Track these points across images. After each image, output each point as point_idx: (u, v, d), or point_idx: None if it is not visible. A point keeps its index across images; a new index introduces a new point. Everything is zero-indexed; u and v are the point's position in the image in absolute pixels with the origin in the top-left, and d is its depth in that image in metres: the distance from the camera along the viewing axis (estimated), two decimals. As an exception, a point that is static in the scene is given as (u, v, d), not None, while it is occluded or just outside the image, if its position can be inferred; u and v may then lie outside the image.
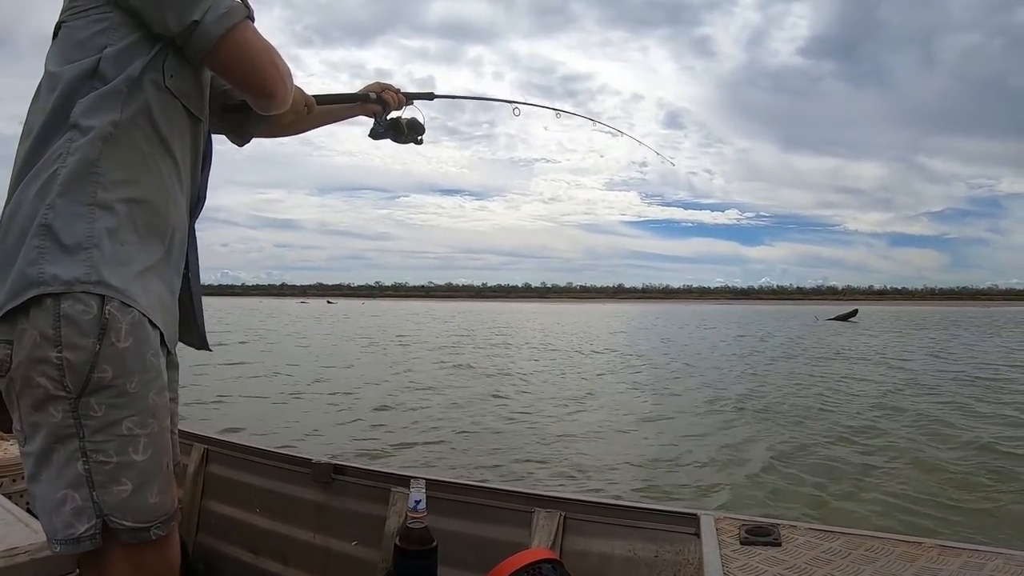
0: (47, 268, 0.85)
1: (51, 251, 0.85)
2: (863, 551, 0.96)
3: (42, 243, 0.86)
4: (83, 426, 0.85)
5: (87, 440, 0.85)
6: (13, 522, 1.25)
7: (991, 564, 0.89)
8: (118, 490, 0.86)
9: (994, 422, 6.95)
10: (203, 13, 0.89)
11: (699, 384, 10.50)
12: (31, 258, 0.85)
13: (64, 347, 0.83)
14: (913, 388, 9.80)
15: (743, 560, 0.95)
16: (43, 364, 0.84)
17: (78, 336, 0.84)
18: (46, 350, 0.84)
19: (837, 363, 13.86)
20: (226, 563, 1.68)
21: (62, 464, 0.85)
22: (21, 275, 0.85)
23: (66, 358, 0.84)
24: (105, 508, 0.86)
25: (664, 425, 7.02)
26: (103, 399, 0.86)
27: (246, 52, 0.95)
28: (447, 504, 1.38)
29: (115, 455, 0.86)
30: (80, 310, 0.84)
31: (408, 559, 1.22)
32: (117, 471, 0.86)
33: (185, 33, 0.90)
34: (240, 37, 0.93)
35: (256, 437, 5.34)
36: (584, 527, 1.28)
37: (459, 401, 8.40)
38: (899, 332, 28.25)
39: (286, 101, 1.04)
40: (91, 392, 0.85)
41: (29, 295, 0.84)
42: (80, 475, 0.85)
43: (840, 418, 7.24)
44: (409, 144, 1.47)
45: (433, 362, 13.57)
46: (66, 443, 0.85)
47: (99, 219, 0.87)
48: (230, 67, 0.96)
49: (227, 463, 1.77)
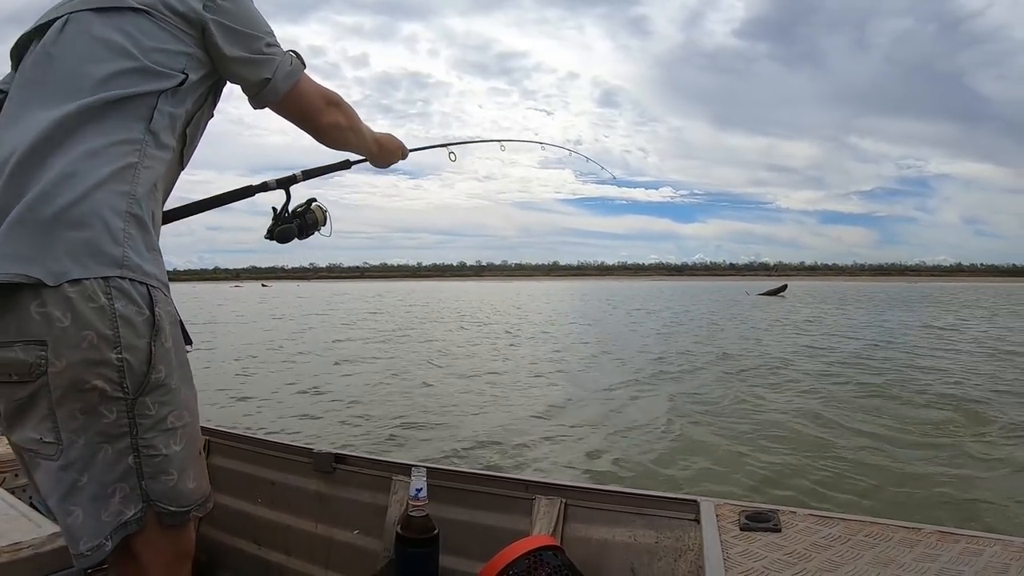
0: (132, 256, 0.85)
1: (135, 241, 0.87)
2: (863, 536, 0.97)
3: (128, 229, 0.86)
4: (137, 424, 0.85)
5: (139, 437, 0.86)
6: (16, 517, 1.25)
7: (990, 550, 0.89)
8: (165, 479, 0.89)
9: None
10: (274, 71, 1.03)
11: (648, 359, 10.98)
12: (118, 239, 0.84)
13: (124, 348, 0.83)
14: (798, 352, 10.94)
15: (743, 546, 0.95)
16: (102, 366, 0.82)
17: (134, 336, 0.84)
18: (105, 351, 0.82)
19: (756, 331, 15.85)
20: (228, 554, 1.70)
21: (111, 462, 0.85)
22: (97, 249, 0.83)
23: (126, 359, 0.83)
24: (153, 496, 0.88)
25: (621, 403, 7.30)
26: (156, 397, 0.87)
27: (304, 101, 1.09)
28: (448, 492, 1.39)
29: (163, 448, 0.88)
30: (134, 311, 0.84)
31: (410, 547, 1.23)
32: (165, 463, 0.89)
33: (257, 87, 1.03)
34: (300, 89, 1.08)
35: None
36: (585, 514, 1.29)
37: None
38: (822, 304, 30.94)
39: (339, 129, 1.17)
40: (147, 392, 0.86)
41: (109, 273, 0.83)
42: (130, 468, 0.86)
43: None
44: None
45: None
46: (116, 441, 0.85)
47: (155, 228, 0.93)
48: (290, 113, 1.10)
49: (228, 454, 1.77)
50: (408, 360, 10.67)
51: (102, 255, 0.83)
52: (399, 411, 6.55)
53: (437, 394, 7.52)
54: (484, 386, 8.13)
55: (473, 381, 8.48)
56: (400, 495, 1.45)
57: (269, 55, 1.03)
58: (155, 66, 0.93)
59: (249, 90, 1.05)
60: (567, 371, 9.56)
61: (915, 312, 25.06)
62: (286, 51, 1.07)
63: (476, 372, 9.30)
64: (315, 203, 1.33)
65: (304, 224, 1.31)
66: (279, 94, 1.05)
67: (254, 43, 1.01)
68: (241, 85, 1.05)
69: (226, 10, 0.98)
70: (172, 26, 0.95)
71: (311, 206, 1.33)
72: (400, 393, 7.62)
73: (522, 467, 4.64)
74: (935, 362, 9.96)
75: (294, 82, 1.06)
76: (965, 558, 0.88)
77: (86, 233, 0.82)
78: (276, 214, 1.30)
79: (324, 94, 1.12)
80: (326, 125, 1.14)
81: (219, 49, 0.98)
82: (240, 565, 1.68)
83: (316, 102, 1.11)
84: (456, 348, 12.24)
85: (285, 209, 1.30)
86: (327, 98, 1.13)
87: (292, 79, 1.06)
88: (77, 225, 0.82)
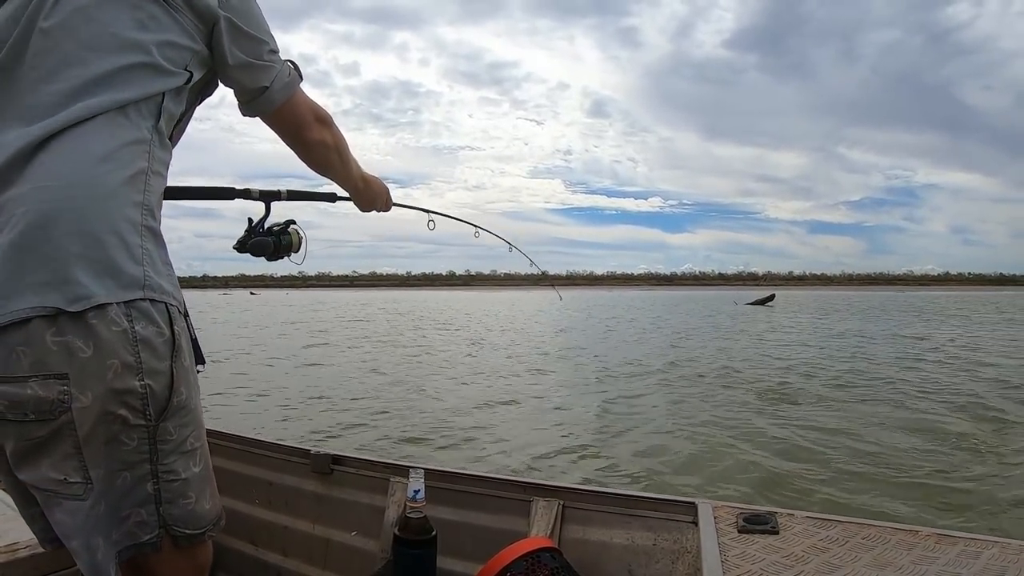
0: (151, 275, 0.79)
1: (153, 258, 0.81)
2: (860, 539, 0.97)
3: (145, 245, 0.80)
4: (158, 451, 0.81)
5: (159, 463, 0.82)
6: (13, 517, 1.24)
7: (987, 552, 0.90)
8: (184, 503, 0.85)
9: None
10: (272, 80, 0.98)
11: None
12: (136, 256, 0.78)
13: (146, 373, 0.77)
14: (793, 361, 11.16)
15: (741, 548, 0.96)
16: (126, 395, 0.76)
17: (156, 360, 0.78)
18: (129, 379, 0.75)
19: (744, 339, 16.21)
20: (226, 555, 1.69)
21: (128, 489, 0.80)
22: (117, 269, 0.75)
23: (149, 385, 0.77)
24: (169, 520, 0.84)
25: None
26: (176, 421, 0.83)
27: (296, 114, 1.04)
28: (446, 494, 1.39)
29: (182, 472, 0.84)
30: (154, 331, 0.78)
31: (407, 549, 1.22)
32: (184, 487, 0.85)
33: (252, 94, 0.98)
34: (294, 102, 1.03)
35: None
36: (583, 516, 1.29)
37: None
38: (812, 314, 31.60)
39: (325, 147, 1.12)
40: (168, 417, 0.81)
41: (132, 296, 0.76)
42: (149, 495, 0.82)
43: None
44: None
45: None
46: (136, 468, 0.80)
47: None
48: (280, 125, 1.05)
49: (225, 455, 1.77)
50: (390, 362, 10.85)
51: (123, 275, 0.76)
52: (388, 414, 6.61)
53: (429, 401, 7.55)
54: (481, 392, 8.17)
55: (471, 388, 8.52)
56: (398, 496, 1.45)
57: (269, 62, 0.98)
58: (166, 63, 0.85)
59: (243, 96, 0.99)
60: (561, 377, 9.64)
61: (906, 322, 25.29)
62: (284, 61, 1.01)
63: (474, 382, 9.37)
64: (293, 226, 1.26)
65: (279, 244, 1.24)
66: (274, 104, 1.00)
67: (258, 48, 0.96)
68: (235, 89, 0.99)
69: (238, 9, 0.93)
70: (185, 18, 0.87)
71: (288, 228, 1.26)
72: (384, 395, 7.72)
73: (520, 469, 4.67)
74: (925, 368, 10.10)
75: (290, 94, 1.01)
76: (963, 560, 0.88)
77: (103, 251, 0.75)
78: (251, 226, 1.23)
79: (315, 110, 1.07)
80: (313, 142, 1.09)
81: (223, 49, 0.92)
82: (237, 566, 1.67)
83: (307, 116, 1.06)
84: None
85: (262, 224, 1.24)
86: (317, 114, 1.08)
87: (289, 91, 1.01)
88: (92, 243, 0.74)
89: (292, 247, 1.26)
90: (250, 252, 1.22)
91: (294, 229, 1.26)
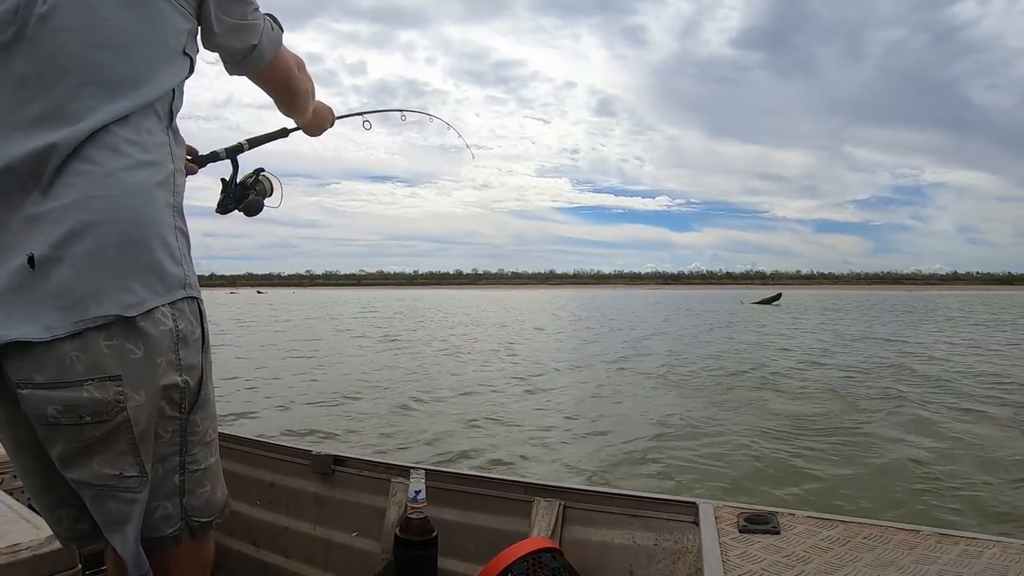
0: (190, 274, 0.82)
1: (188, 257, 0.83)
2: (861, 539, 0.96)
3: (181, 247, 0.82)
4: (187, 442, 0.84)
5: (187, 454, 0.84)
6: (15, 519, 1.25)
7: (988, 552, 0.89)
8: (200, 492, 0.87)
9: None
10: (259, 37, 0.95)
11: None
12: (176, 257, 0.80)
13: (184, 369, 0.80)
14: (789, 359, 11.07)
15: (742, 548, 0.95)
16: (171, 390, 0.80)
17: (191, 356, 0.82)
18: (172, 375, 0.79)
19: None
20: (227, 556, 1.69)
21: (159, 481, 0.82)
22: (164, 272, 0.77)
23: (187, 380, 0.81)
24: (190, 511, 0.86)
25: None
26: (202, 413, 0.86)
27: (284, 66, 1.02)
28: (447, 494, 1.39)
29: (203, 462, 0.87)
30: (190, 329, 0.81)
31: (408, 549, 1.23)
32: (203, 476, 0.88)
33: (242, 53, 0.95)
34: (282, 57, 1.00)
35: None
36: (584, 516, 1.29)
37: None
38: (819, 314, 31.07)
39: (307, 94, 1.11)
40: (197, 409, 0.84)
41: (176, 296, 0.79)
42: (176, 487, 0.84)
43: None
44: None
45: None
46: (167, 461, 0.83)
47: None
48: (271, 80, 1.03)
49: (227, 455, 1.76)
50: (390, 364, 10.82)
51: (168, 278, 0.78)
52: (390, 416, 6.62)
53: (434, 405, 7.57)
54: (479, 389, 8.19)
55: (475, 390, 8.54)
56: (399, 497, 1.45)
57: (255, 20, 0.93)
58: (174, 53, 0.83)
59: (232, 57, 0.94)
60: (561, 375, 9.65)
61: (914, 324, 24.96)
62: (264, 15, 0.97)
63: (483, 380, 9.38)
64: (263, 172, 1.25)
65: (258, 195, 1.23)
66: (265, 59, 0.96)
67: (244, 8, 0.91)
68: (222, 53, 0.94)
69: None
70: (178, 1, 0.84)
71: (259, 176, 1.24)
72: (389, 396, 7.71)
73: (521, 469, 4.67)
74: (932, 366, 10.00)
75: (278, 48, 0.98)
76: (964, 560, 0.88)
77: (151, 257, 0.76)
78: (226, 185, 1.21)
79: (297, 59, 1.05)
80: (300, 90, 1.07)
81: (210, 18, 0.87)
82: (238, 567, 1.67)
83: (292, 68, 1.04)
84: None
85: (234, 180, 1.22)
86: (299, 63, 1.05)
87: (277, 44, 0.98)
88: (140, 250, 0.75)
89: (266, 193, 1.26)
90: (245, 213, 1.22)
91: (264, 176, 1.26)
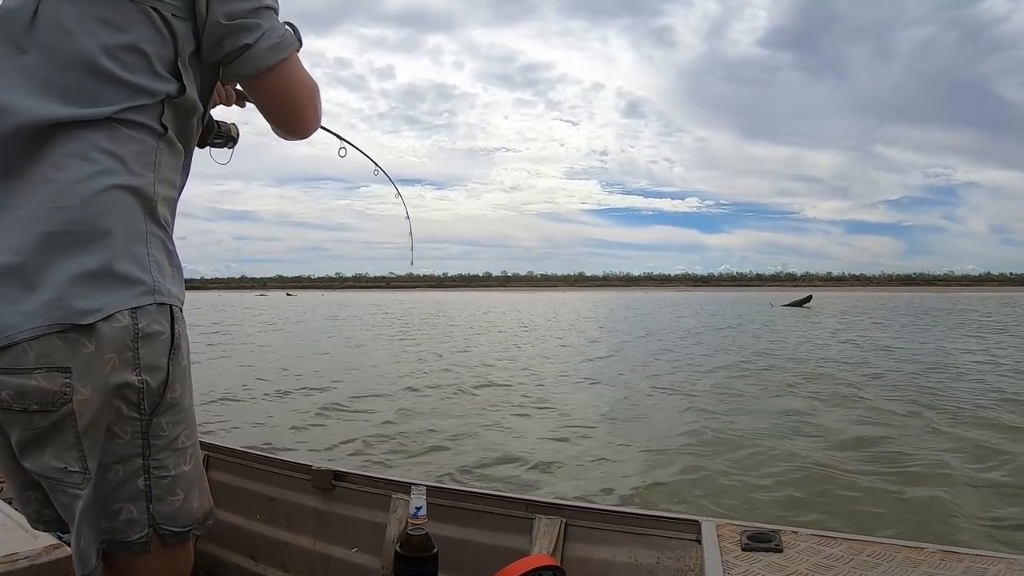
0: (159, 280, 0.81)
1: (160, 263, 0.82)
2: (865, 557, 0.96)
3: (152, 252, 0.80)
4: (151, 446, 0.83)
5: (151, 458, 0.83)
6: (13, 527, 1.24)
7: (993, 569, 0.89)
8: (172, 500, 0.86)
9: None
10: (256, 38, 0.83)
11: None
12: (143, 264, 0.79)
13: (143, 369, 0.79)
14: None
15: (744, 566, 0.95)
16: (124, 389, 0.78)
17: (154, 356, 0.80)
18: (126, 373, 0.78)
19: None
20: (227, 570, 1.68)
21: (120, 483, 0.82)
22: (126, 278, 0.77)
23: (146, 380, 0.80)
24: (159, 518, 0.85)
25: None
26: (170, 417, 0.84)
27: (289, 88, 0.90)
28: (448, 511, 1.38)
29: (172, 469, 0.85)
30: (156, 330, 0.80)
31: (409, 566, 1.21)
32: (173, 483, 0.86)
33: (232, 55, 0.84)
34: (287, 71, 0.88)
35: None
36: (585, 534, 1.28)
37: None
38: (851, 316, 29.89)
39: (315, 122, 0.98)
40: (162, 412, 0.83)
41: (140, 303, 0.77)
42: (140, 491, 0.83)
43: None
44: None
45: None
46: (128, 463, 0.82)
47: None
48: (268, 99, 0.91)
49: (228, 469, 1.77)
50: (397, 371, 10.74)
51: (133, 285, 0.77)
52: (389, 424, 6.58)
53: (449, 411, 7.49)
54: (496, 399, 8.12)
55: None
56: (399, 513, 1.44)
57: (255, 20, 0.83)
58: (164, 76, 0.80)
59: (223, 59, 0.85)
60: (574, 383, 9.52)
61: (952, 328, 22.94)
62: (283, 23, 0.88)
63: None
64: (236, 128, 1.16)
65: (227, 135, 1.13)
66: (257, 66, 0.84)
67: (242, 4, 0.83)
68: (208, 55, 0.86)
69: None
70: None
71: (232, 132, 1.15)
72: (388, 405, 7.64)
73: (523, 486, 4.63)
74: (953, 378, 9.78)
75: (280, 58, 0.85)
76: None
77: (112, 265, 0.76)
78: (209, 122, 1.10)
79: (313, 84, 0.93)
80: (312, 120, 0.96)
81: (203, 12, 0.81)
82: None
83: (302, 95, 0.92)
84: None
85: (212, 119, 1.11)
86: (313, 90, 0.93)
87: (278, 54, 0.85)
88: (99, 257, 0.75)
89: (231, 132, 1.15)
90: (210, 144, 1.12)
91: (233, 124, 1.16)
